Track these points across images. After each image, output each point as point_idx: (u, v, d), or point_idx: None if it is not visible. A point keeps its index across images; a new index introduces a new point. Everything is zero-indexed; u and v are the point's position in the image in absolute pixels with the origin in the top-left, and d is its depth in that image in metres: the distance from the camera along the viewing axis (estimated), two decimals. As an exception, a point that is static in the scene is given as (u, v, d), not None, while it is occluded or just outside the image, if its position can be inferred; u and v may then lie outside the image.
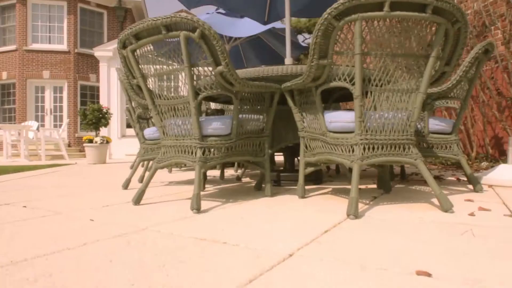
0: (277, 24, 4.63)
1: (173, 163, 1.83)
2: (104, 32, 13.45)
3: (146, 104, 2.47)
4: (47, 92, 12.53)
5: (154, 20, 1.61)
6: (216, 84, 1.71)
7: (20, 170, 5.47)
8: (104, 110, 7.45)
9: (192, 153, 1.73)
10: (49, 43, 12.58)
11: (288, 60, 2.82)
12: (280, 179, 2.56)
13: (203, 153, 1.71)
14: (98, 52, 9.99)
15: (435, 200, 1.80)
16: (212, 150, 1.74)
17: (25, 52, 12.24)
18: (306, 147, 1.93)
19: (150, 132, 2.59)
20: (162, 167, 1.87)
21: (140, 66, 1.86)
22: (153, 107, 1.88)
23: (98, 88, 13.07)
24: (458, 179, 2.80)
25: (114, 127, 10.02)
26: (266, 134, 2.04)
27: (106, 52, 9.97)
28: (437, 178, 2.91)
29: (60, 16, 12.66)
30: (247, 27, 4.51)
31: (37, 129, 10.46)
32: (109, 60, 10.07)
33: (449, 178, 2.97)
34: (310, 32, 19.05)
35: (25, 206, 1.86)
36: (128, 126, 10.29)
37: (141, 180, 3.02)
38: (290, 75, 2.02)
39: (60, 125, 12.47)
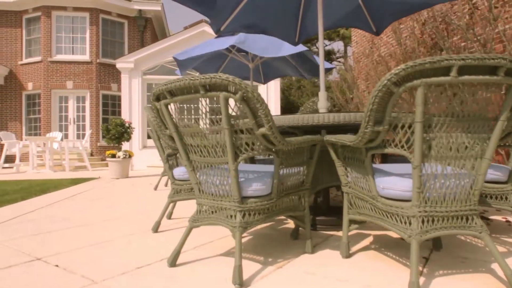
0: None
1: (209, 224, 1.72)
2: (125, 41, 13.62)
3: (175, 146, 2.38)
4: (70, 102, 12.77)
5: (192, 79, 1.51)
6: (258, 144, 1.60)
7: (45, 188, 5.51)
8: (127, 125, 7.49)
9: (231, 216, 1.62)
10: (72, 54, 12.82)
11: (322, 94, 2.68)
12: (315, 223, 2.42)
13: (243, 217, 1.60)
14: (119, 63, 10.09)
15: (495, 267, 1.64)
16: (253, 213, 1.63)
17: (49, 63, 12.51)
18: (351, 204, 1.80)
19: (180, 172, 2.50)
20: (197, 226, 1.77)
21: (174, 121, 1.76)
22: (187, 163, 1.79)
23: (119, 97, 13.23)
24: (508, 222, 2.59)
25: (135, 138, 10.08)
26: (306, 187, 1.91)
27: (127, 63, 10.06)
28: (482, 218, 2.71)
29: (83, 27, 12.88)
30: (277, 47, 4.38)
31: (61, 139, 10.67)
32: (130, 72, 10.15)
33: (495, 217, 2.76)
34: (330, 39, 18.78)
35: (57, 265, 1.79)
36: (149, 137, 10.34)
37: (169, 217, 2.94)
38: (331, 125, 1.88)
39: (83, 135, 12.69)
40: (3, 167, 9.54)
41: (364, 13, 3.72)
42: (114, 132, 7.20)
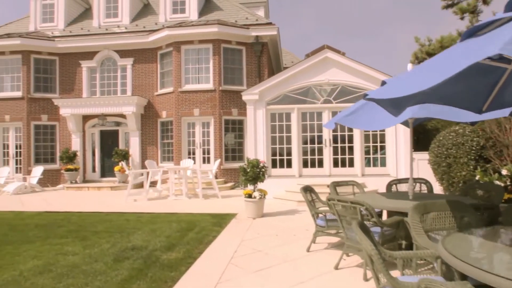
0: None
1: None
2: (243, 67, 14.20)
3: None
4: (197, 128, 13.87)
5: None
6: None
7: (199, 236, 5.90)
8: (261, 165, 7.67)
9: None
10: (198, 83, 13.90)
11: None
12: None
13: None
14: (245, 96, 10.50)
15: None
16: None
17: (179, 93, 13.78)
18: None
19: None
20: None
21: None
22: None
23: (239, 121, 13.91)
24: None
25: (261, 168, 10.35)
26: None
27: (252, 95, 10.42)
28: None
29: (207, 58, 13.86)
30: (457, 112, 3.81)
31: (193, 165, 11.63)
32: (255, 103, 10.49)
33: None
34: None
35: None
36: (274, 165, 10.52)
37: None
38: None
39: (208, 158, 13.66)
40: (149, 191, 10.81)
41: None
42: (251, 174, 7.45)
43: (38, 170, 13.86)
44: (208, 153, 13.75)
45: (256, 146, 10.41)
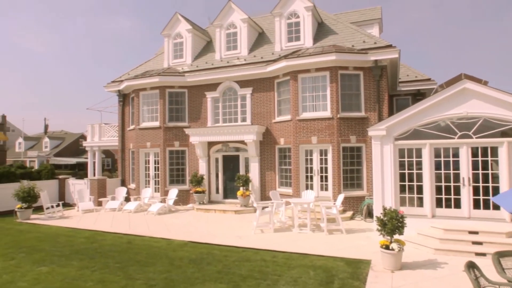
0: None
1: None
2: (360, 92, 13.86)
3: None
4: (314, 155, 14.02)
5: None
6: None
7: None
8: (399, 216, 7.40)
9: None
10: (315, 111, 14.05)
11: None
12: None
13: None
14: (371, 131, 10.22)
15: None
16: None
17: (297, 121, 14.13)
18: None
19: None
20: None
21: None
22: None
23: (357, 148, 13.66)
24: None
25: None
26: None
27: (379, 131, 10.08)
28: None
29: (324, 85, 13.91)
30: None
31: (315, 195, 11.79)
32: (381, 138, 10.13)
33: None
34: None
35: None
36: (402, 204, 10.00)
37: None
38: None
39: (326, 185, 13.69)
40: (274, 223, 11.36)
41: None
42: (390, 226, 7.25)
43: (173, 192, 15.76)
44: (326, 180, 13.78)
45: (383, 184, 10.05)
